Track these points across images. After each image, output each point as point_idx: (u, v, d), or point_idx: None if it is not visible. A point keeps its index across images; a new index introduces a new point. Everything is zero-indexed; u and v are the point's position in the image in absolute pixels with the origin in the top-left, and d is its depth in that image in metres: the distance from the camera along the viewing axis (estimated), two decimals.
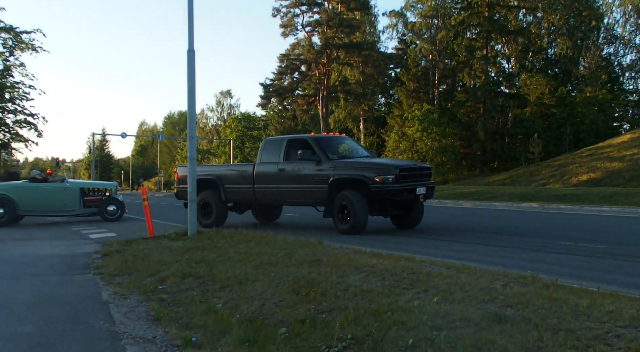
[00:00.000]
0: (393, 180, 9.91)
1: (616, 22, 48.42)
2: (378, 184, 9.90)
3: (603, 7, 47.79)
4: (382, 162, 11.00)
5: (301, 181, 10.93)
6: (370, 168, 10.24)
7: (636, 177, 26.13)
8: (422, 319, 3.90)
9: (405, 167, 10.42)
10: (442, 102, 48.34)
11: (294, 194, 11.14)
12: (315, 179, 10.70)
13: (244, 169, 12.33)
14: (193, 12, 10.04)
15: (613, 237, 9.78)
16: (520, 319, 3.80)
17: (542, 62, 49.27)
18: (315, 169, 10.73)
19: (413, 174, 10.44)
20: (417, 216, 11.13)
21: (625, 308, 3.97)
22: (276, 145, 11.73)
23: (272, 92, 48.18)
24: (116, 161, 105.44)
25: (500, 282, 4.93)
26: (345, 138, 12.59)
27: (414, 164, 11.09)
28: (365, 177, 10.07)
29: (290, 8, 45.48)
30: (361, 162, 10.70)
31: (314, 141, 11.10)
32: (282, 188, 11.28)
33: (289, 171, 11.16)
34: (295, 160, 11.05)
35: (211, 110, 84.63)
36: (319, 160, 10.72)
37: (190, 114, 10.33)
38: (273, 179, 11.38)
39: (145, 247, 8.46)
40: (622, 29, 47.93)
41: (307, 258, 6.40)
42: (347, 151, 11.75)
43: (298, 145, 11.28)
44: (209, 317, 4.50)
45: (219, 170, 13.03)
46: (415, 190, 10.26)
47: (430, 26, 49.02)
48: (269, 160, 11.61)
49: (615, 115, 46.33)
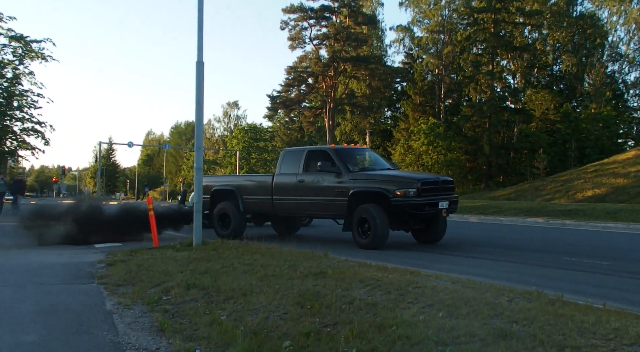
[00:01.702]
0: (415, 193, 9.63)
1: (620, 40, 48.68)
2: (399, 197, 9.65)
3: (607, 25, 47.99)
4: (404, 175, 10.78)
5: (320, 193, 10.73)
6: (392, 181, 10.00)
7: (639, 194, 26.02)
8: (427, 334, 3.89)
9: (427, 181, 10.10)
10: (448, 116, 48.44)
11: (313, 206, 10.94)
12: (334, 191, 10.49)
13: (262, 179, 12.21)
14: (203, 24, 10.14)
15: (619, 254, 9.72)
16: (526, 335, 3.79)
17: (547, 78, 49.39)
18: (335, 181, 10.51)
19: (435, 188, 10.13)
20: (439, 230, 10.82)
21: (631, 326, 3.95)
22: (296, 156, 11.55)
23: (279, 103, 48.42)
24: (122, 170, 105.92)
25: (506, 298, 4.92)
26: (366, 150, 12.38)
27: (436, 177, 10.73)
28: (386, 190, 9.81)
29: (299, 21, 45.86)
30: (382, 175, 10.44)
31: (334, 153, 10.88)
32: (300, 200, 11.10)
33: (308, 183, 10.97)
34: (314, 172, 10.85)
35: (218, 120, 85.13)
36: (338, 172, 10.49)
37: (198, 124, 10.37)
38: (292, 191, 11.21)
39: (149, 257, 8.46)
40: (626, 47, 48.13)
41: (312, 270, 6.39)
42: (367, 163, 11.56)
43: (318, 156, 11.06)
44: (213, 329, 4.49)
45: (238, 181, 12.90)
46: (438, 204, 9.97)
47: (436, 41, 49.30)
48: (288, 172, 11.43)
49: (620, 132, 46.34)
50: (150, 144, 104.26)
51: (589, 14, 47.96)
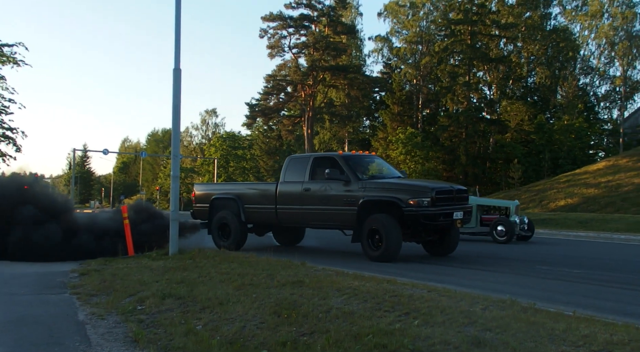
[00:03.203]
0: (429, 203, 9.13)
1: (591, 54, 49.80)
2: (412, 207, 9.12)
3: (579, 39, 49.14)
4: (417, 184, 10.28)
5: (328, 202, 10.20)
6: (404, 190, 9.48)
7: (611, 204, 26.61)
8: (403, 342, 3.92)
9: (442, 190, 9.61)
10: (426, 126, 48.95)
11: (320, 215, 10.39)
12: (343, 200, 9.94)
13: (265, 188, 11.72)
14: (180, 30, 10.10)
15: (589, 262, 9.92)
16: (499, 343, 3.85)
17: (522, 89, 50.29)
18: (344, 190, 9.97)
19: (450, 197, 9.67)
20: (452, 242, 10.35)
21: (599, 332, 4.05)
22: (301, 163, 11.06)
23: (258, 112, 48.33)
24: (97, 178, 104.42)
25: (480, 306, 4.99)
26: (374, 157, 11.92)
27: (450, 186, 10.16)
28: (398, 199, 9.28)
29: (278, 30, 45.92)
30: (394, 183, 9.95)
31: (343, 160, 10.36)
32: (306, 209, 10.55)
33: (314, 191, 10.44)
34: (321, 180, 10.34)
35: (196, 128, 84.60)
36: (347, 180, 9.95)
37: (175, 132, 10.32)
38: (297, 200, 10.68)
39: (124, 267, 8.36)
40: (597, 60, 49.29)
41: (290, 279, 6.40)
42: (377, 171, 11.07)
43: (325, 163, 10.55)
44: (188, 339, 4.46)
45: (239, 189, 12.33)
46: (453, 214, 9.53)
47: (414, 52, 49.86)
48: (293, 180, 10.90)
49: (591, 143, 47.41)
50: (126, 151, 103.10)
51: (562, 28, 49.06)
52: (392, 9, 50.93)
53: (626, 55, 45.44)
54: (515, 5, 48.27)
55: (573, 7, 49.50)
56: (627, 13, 45.11)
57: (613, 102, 50.63)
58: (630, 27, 45.41)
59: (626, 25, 45.29)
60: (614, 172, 31.13)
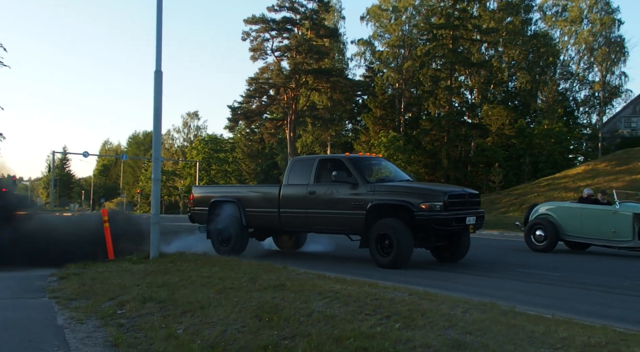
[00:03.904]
0: (441, 207, 8.79)
1: (571, 60, 50.60)
2: (424, 211, 8.74)
3: (559, 44, 49.90)
4: (429, 187, 9.81)
5: (334, 205, 9.79)
6: (416, 193, 9.12)
7: None
8: (384, 346, 3.94)
9: (454, 193, 9.31)
10: (408, 129, 49.23)
11: (325, 220, 9.99)
12: (350, 204, 9.55)
13: (268, 191, 11.23)
14: (162, 32, 10.04)
15: (568, 265, 10.06)
16: (479, 346, 3.89)
17: (502, 94, 50.88)
18: (351, 193, 9.58)
19: (462, 201, 9.36)
20: (463, 248, 10.00)
21: (577, 335, 4.11)
22: (306, 165, 10.66)
23: (240, 115, 48.19)
24: (77, 181, 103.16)
25: (461, 309, 5.03)
26: (381, 159, 11.54)
27: (462, 190, 9.86)
28: (409, 203, 8.91)
29: (260, 32, 45.87)
30: (404, 186, 9.60)
31: (350, 162, 9.97)
32: (311, 213, 10.15)
33: (320, 195, 10.02)
34: (327, 183, 9.97)
35: (177, 131, 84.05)
36: (355, 183, 9.55)
37: (156, 134, 10.25)
38: (302, 203, 10.26)
39: (104, 270, 8.27)
40: (577, 66, 50.09)
41: (271, 283, 6.39)
42: (384, 174, 10.68)
43: (331, 166, 10.17)
44: (169, 343, 4.43)
45: (240, 192, 11.85)
46: (466, 219, 9.17)
47: (397, 56, 50.17)
48: (297, 182, 10.48)
49: (571, 147, 48.15)
50: (107, 154, 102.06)
51: (542, 33, 49.78)
52: (375, 13, 51.19)
53: (605, 60, 46.29)
54: (496, 10, 48.92)
55: (553, 12, 50.34)
56: (606, 19, 45.97)
57: (592, 107, 51.54)
58: (609, 33, 46.29)
59: (605, 31, 46.15)
60: (592, 176, 31.62)
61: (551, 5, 50.02)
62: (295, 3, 45.27)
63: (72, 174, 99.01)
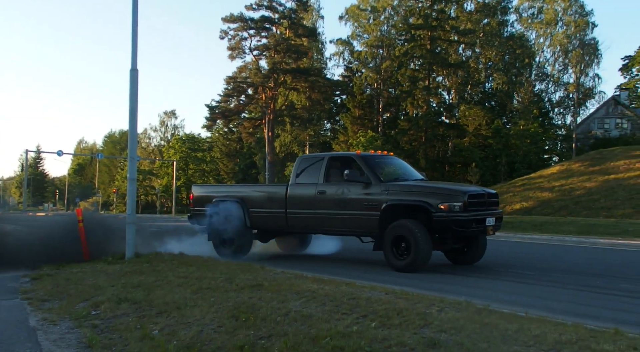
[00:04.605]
0: (460, 208, 8.36)
1: (546, 61, 51.39)
2: (443, 212, 8.31)
3: (535, 46, 50.67)
4: (447, 187, 9.34)
5: (345, 206, 9.32)
6: (434, 193, 8.68)
7: (564, 207, 27.49)
8: (360, 344, 3.96)
9: (474, 193, 8.84)
10: (386, 129, 49.51)
11: (336, 221, 9.48)
12: (363, 204, 9.09)
13: (274, 190, 10.78)
14: (137, 30, 9.94)
15: (542, 264, 10.21)
16: (454, 344, 3.93)
17: (479, 95, 51.54)
18: (363, 193, 9.12)
19: (482, 202, 8.94)
20: (480, 250, 9.61)
21: (549, 332, 4.18)
22: (314, 163, 10.15)
23: (218, 114, 47.94)
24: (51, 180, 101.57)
25: (436, 308, 5.08)
26: (393, 158, 10.97)
27: (482, 189, 9.39)
28: (427, 203, 8.46)
29: (238, 31, 45.65)
30: (421, 186, 9.17)
31: (362, 160, 9.51)
32: (321, 214, 9.66)
33: (330, 194, 9.54)
34: (338, 182, 9.54)
35: (154, 130, 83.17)
36: (368, 182, 9.10)
37: (132, 133, 10.14)
38: (310, 203, 9.79)
39: (79, 271, 8.16)
40: (552, 67, 50.90)
41: (248, 283, 6.37)
42: (397, 172, 10.21)
43: (342, 164, 9.78)
44: (144, 344, 4.39)
45: (244, 191, 11.34)
46: (485, 220, 8.78)
47: (375, 56, 50.38)
48: (306, 181, 10.02)
49: (546, 148, 49.01)
50: (82, 153, 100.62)
51: (518, 35, 50.52)
52: (353, 13, 51.33)
53: (579, 62, 47.13)
54: (473, 11, 49.52)
55: (529, 14, 51.06)
56: (580, 22, 46.80)
57: (567, 108, 52.42)
58: (583, 36, 47.14)
59: (579, 34, 47.00)
60: (567, 176, 32.19)
61: (527, 7, 50.77)
62: (274, 2, 45.20)
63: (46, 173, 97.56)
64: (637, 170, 28.94)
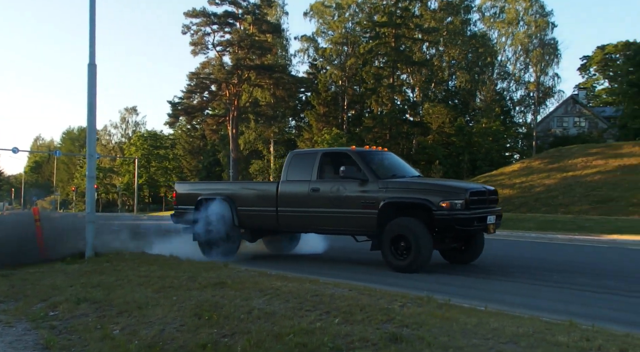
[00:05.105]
0: (462, 206, 8.09)
1: (508, 60, 52.54)
2: (444, 210, 8.03)
3: (497, 45, 51.76)
4: (448, 184, 9.17)
5: (341, 204, 8.96)
6: (434, 190, 8.40)
7: (524, 204, 28.15)
8: (323, 341, 3.99)
9: (475, 191, 8.56)
10: (351, 127, 49.79)
11: (331, 220, 9.14)
12: (360, 202, 8.76)
13: (264, 188, 10.43)
14: (95, 22, 9.70)
15: (502, 260, 10.43)
16: (415, 338, 3.99)
17: (443, 93, 52.33)
18: (360, 190, 8.77)
19: (483, 199, 8.68)
20: (478, 249, 9.36)
21: (507, 326, 4.29)
22: (307, 160, 9.75)
23: (181, 110, 47.29)
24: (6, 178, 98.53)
25: (399, 303, 5.14)
26: (388, 153, 10.46)
27: (483, 186, 9.19)
28: (428, 201, 8.16)
29: (201, 26, 45.08)
30: (420, 183, 8.92)
31: (358, 156, 9.14)
32: (314, 213, 9.29)
33: (324, 192, 9.15)
34: (332, 179, 9.24)
35: (115, 126, 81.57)
36: (364, 179, 8.76)
37: (90, 130, 9.93)
38: (303, 202, 9.40)
39: (36, 271, 7.96)
40: (513, 66, 52.05)
41: (212, 281, 6.32)
42: (395, 169, 9.76)
43: (337, 160, 9.49)
44: (104, 344, 4.32)
45: (231, 189, 10.88)
46: (487, 218, 8.52)
47: (340, 53, 50.55)
48: (298, 178, 9.61)
49: (507, 145, 50.14)
50: (38, 150, 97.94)
51: (481, 34, 51.48)
52: (318, 10, 51.38)
53: (539, 62, 48.34)
54: (437, 10, 50.17)
55: (491, 14, 52.05)
56: (540, 22, 47.99)
57: (527, 107, 53.72)
58: (543, 35, 48.36)
59: (540, 33, 48.19)
60: (527, 173, 32.94)
61: (489, 6, 51.76)
62: None
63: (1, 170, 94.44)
64: (593, 168, 29.85)
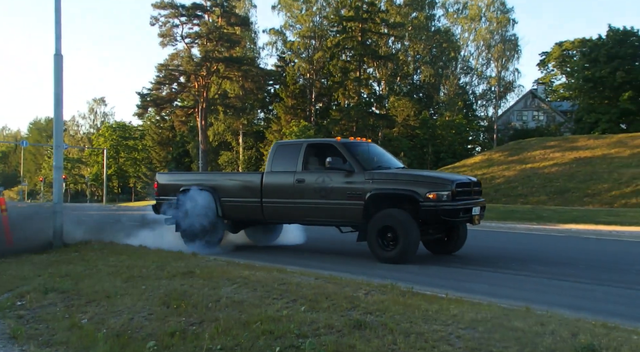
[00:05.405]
0: (448, 197, 8.10)
1: (471, 55, 53.60)
2: (431, 201, 8.04)
3: (460, 41, 52.66)
4: (434, 175, 9.28)
5: (327, 195, 8.88)
6: (421, 182, 8.40)
7: (485, 195, 28.36)
8: (289, 328, 4.11)
9: (461, 182, 8.63)
10: (319, 119, 49.97)
11: (316, 211, 9.08)
12: (346, 193, 8.71)
13: (248, 179, 10.31)
14: (60, 10, 9.54)
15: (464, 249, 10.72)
16: (378, 325, 4.16)
17: (408, 86, 53.02)
18: (346, 182, 8.72)
19: (468, 190, 8.74)
20: (461, 239, 9.47)
21: (467, 312, 4.50)
22: (292, 151, 9.66)
23: (150, 101, 46.60)
24: None
25: (363, 291, 5.31)
26: (372, 145, 10.37)
27: (467, 178, 9.23)
28: (415, 192, 8.17)
29: (170, 18, 44.44)
30: (407, 174, 8.95)
31: (344, 147, 9.09)
32: (299, 204, 9.22)
33: (310, 183, 9.07)
34: (317, 170, 9.15)
35: (83, 117, 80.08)
36: (350, 170, 8.70)
37: (57, 121, 9.82)
38: (288, 193, 9.33)
39: (2, 261, 7.86)
40: (476, 61, 53.15)
41: (180, 270, 6.38)
42: (380, 160, 9.73)
43: (322, 151, 9.35)
44: (72, 333, 4.36)
45: (215, 180, 10.70)
46: (472, 209, 8.60)
47: (307, 46, 50.55)
48: (283, 169, 9.52)
49: (470, 138, 51.22)
50: (4, 140, 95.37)
51: (444, 29, 52.27)
52: (286, 3, 51.20)
53: (500, 57, 49.43)
54: (402, 5, 50.60)
55: (454, 10, 52.90)
56: (502, 18, 48.99)
57: (489, 101, 54.97)
58: (504, 32, 49.43)
59: (501, 30, 49.24)
60: (488, 165, 33.70)
61: (453, 2, 52.61)
62: None
63: None
64: (551, 160, 30.77)
